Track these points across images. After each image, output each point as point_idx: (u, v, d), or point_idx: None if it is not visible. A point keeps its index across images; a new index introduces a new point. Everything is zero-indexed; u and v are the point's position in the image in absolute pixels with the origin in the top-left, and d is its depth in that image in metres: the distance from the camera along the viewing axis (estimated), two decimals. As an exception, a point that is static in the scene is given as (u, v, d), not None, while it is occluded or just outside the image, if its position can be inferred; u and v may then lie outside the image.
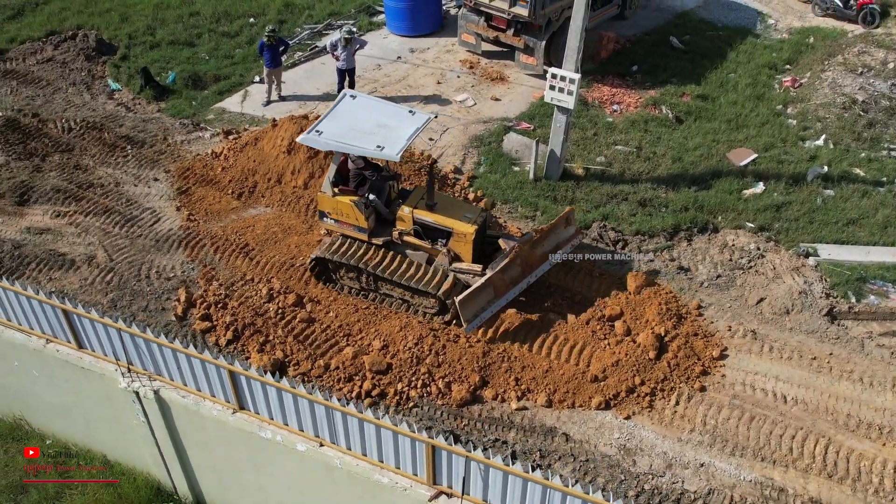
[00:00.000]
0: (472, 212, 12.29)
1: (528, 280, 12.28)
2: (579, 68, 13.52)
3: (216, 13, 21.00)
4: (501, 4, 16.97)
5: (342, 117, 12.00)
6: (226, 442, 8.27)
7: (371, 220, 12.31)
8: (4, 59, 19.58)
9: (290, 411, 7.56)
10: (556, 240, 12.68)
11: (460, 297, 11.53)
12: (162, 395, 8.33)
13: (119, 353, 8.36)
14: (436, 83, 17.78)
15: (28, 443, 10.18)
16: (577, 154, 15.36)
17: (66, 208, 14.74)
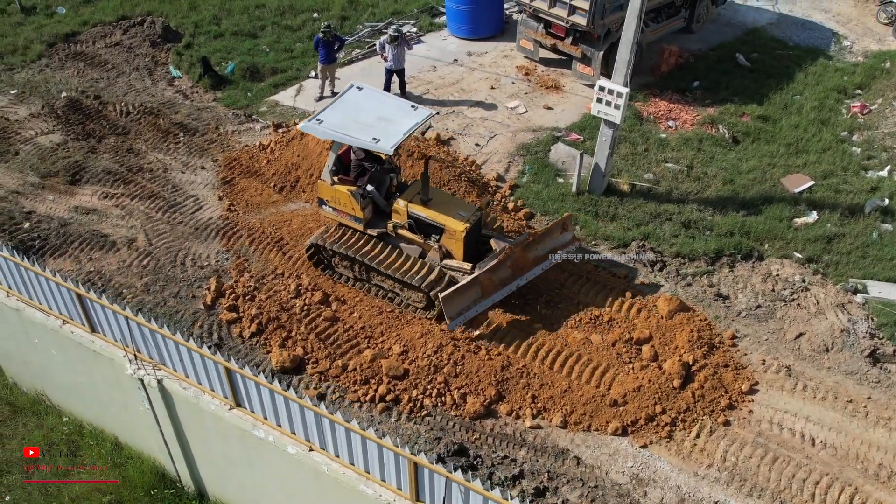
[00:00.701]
0: (466, 210, 12.22)
1: (517, 282, 12.17)
2: (629, 82, 13.15)
3: (281, 6, 21.23)
4: (560, 12, 16.66)
5: (345, 108, 12.19)
6: (223, 437, 8.28)
7: (368, 210, 12.39)
8: (76, 42, 20.19)
9: (283, 413, 7.51)
10: (550, 244, 12.55)
11: (445, 293, 11.51)
12: (165, 385, 8.39)
13: (128, 340, 8.42)
14: (489, 88, 17.57)
15: (45, 421, 10.40)
16: (624, 169, 14.97)
17: (115, 190, 15.07)
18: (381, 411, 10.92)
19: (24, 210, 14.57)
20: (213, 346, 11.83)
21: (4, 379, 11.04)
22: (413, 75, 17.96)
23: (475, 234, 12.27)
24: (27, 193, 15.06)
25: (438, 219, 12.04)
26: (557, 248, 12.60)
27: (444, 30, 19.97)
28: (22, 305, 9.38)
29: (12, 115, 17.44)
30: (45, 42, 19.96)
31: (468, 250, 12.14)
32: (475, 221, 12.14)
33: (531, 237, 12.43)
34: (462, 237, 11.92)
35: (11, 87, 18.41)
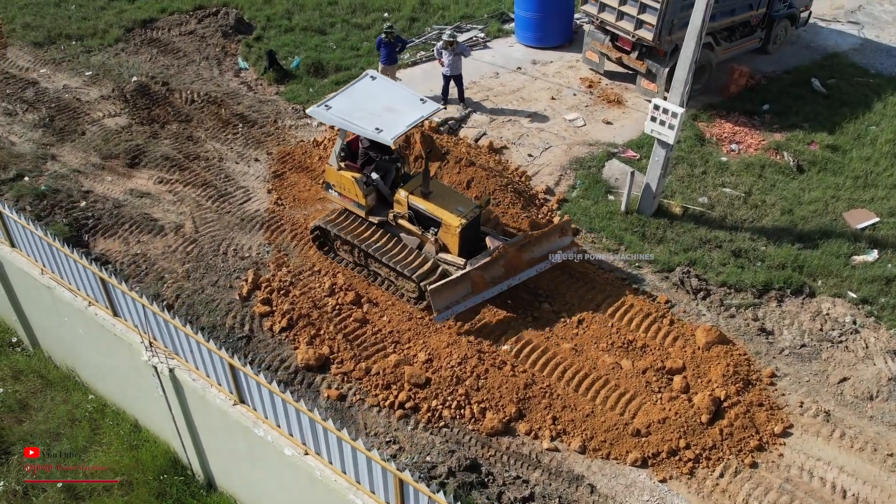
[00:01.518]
0: (465, 206, 12.34)
1: (510, 282, 12.21)
2: (685, 102, 12.72)
3: (353, 4, 21.38)
4: (627, 25, 16.28)
5: (356, 96, 12.35)
6: (227, 431, 8.32)
7: (371, 198, 12.64)
8: (153, 28, 20.74)
9: (282, 414, 7.49)
10: (547, 247, 12.55)
11: (433, 286, 11.62)
12: (176, 375, 8.48)
13: (145, 327, 8.55)
14: (550, 98, 17.30)
15: (72, 397, 10.66)
16: (678, 191, 14.51)
17: (170, 176, 15.41)
18: (398, 418, 10.84)
19: (82, 189, 15.03)
20: (244, 339, 12.03)
21: (40, 352, 11.38)
22: (474, 81, 17.83)
23: (472, 231, 12.39)
24: (87, 173, 15.52)
25: (436, 212, 12.18)
26: (555, 252, 12.62)
27: (512, 36, 19.76)
28: (53, 284, 9.63)
29: (84, 95, 18.03)
30: (124, 27, 20.57)
31: (464, 246, 12.25)
32: (473, 218, 12.25)
33: (526, 238, 12.40)
34: (457, 232, 12.03)
35: (87, 68, 19.02)
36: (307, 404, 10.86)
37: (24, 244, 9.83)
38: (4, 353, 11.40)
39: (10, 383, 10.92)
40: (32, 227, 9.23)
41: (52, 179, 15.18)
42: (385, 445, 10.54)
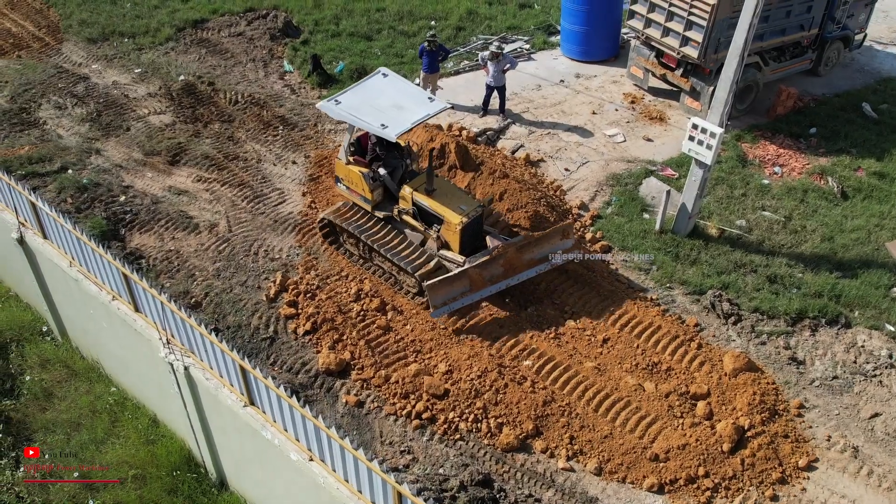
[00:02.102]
0: (468, 204, 12.47)
1: (508, 281, 12.30)
2: (724, 123, 12.47)
3: (401, 11, 21.46)
4: (672, 42, 16.04)
5: (366, 92, 12.62)
6: (238, 431, 8.36)
7: (377, 193, 12.92)
8: (203, 28, 21.08)
9: (288, 418, 7.49)
10: (548, 249, 12.59)
11: (430, 282, 11.80)
12: (191, 373, 8.55)
13: (164, 324, 8.64)
14: (591, 113, 17.12)
15: (94, 388, 10.83)
16: (716, 212, 14.22)
17: (209, 175, 15.60)
18: (415, 428, 10.78)
19: (122, 184, 15.31)
20: (268, 340, 12.10)
21: (68, 343, 11.60)
22: (516, 93, 17.74)
23: (474, 229, 12.48)
24: (129, 168, 15.80)
25: (439, 209, 12.37)
26: (556, 254, 12.67)
27: (557, 49, 19.63)
28: (81, 276, 9.80)
29: (132, 92, 18.39)
30: (175, 26, 20.94)
31: (465, 243, 12.37)
32: (475, 217, 12.37)
33: (526, 239, 12.46)
34: (458, 230, 12.17)
35: (137, 66, 19.41)
36: (325, 409, 10.99)
37: (55, 236, 10.04)
38: (34, 342, 11.64)
39: (38, 371, 11.15)
40: (62, 220, 9.41)
41: (95, 173, 15.49)
42: (399, 455, 10.49)
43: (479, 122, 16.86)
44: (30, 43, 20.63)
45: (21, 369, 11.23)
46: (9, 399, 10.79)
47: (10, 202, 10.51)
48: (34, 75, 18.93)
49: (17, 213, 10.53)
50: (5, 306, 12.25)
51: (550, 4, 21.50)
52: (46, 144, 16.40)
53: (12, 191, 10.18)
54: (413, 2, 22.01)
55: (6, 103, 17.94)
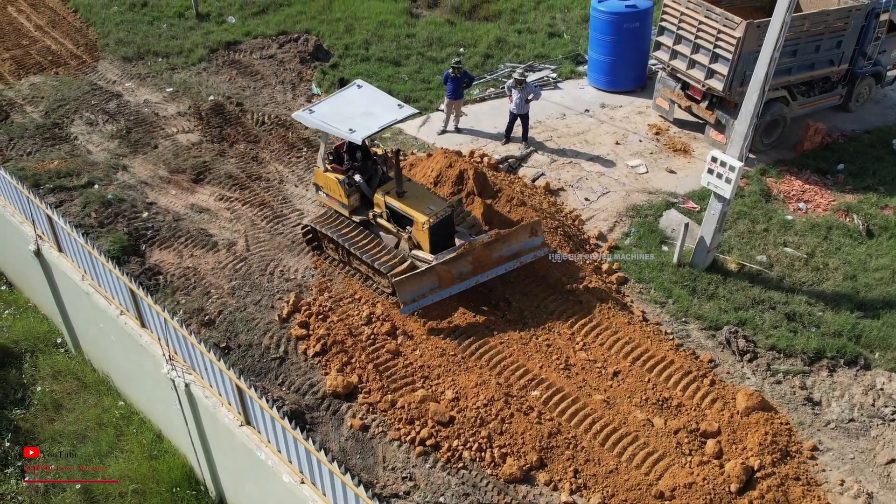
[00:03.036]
0: (437, 205, 12.86)
1: (477, 279, 12.62)
2: (744, 157, 12.32)
3: (430, 38, 21.62)
4: (698, 74, 15.93)
5: (340, 102, 13.30)
6: (234, 450, 8.35)
7: (354, 199, 13.44)
8: (236, 50, 21.43)
9: (282, 440, 7.47)
10: (516, 247, 12.82)
11: (399, 278, 12.17)
12: (192, 390, 8.58)
13: (168, 340, 8.71)
14: (614, 143, 17.03)
15: (102, 401, 10.92)
16: (736, 247, 14.02)
17: (231, 194, 15.78)
18: (418, 454, 10.70)
19: (146, 200, 15.54)
20: (277, 360, 12.13)
21: (81, 355, 11.73)
22: (540, 121, 17.73)
23: (444, 229, 12.86)
24: (154, 185, 16.05)
25: (409, 211, 12.75)
26: (525, 252, 12.90)
27: (584, 79, 19.60)
28: (91, 290, 9.92)
29: (162, 110, 18.72)
30: (209, 48, 21.32)
31: (436, 243, 12.73)
32: (444, 216, 12.75)
33: (493, 235, 12.67)
34: (426, 229, 12.54)
35: (169, 85, 19.77)
36: (330, 432, 10.96)
37: (69, 249, 10.19)
38: (48, 353, 11.79)
39: (49, 382, 11.28)
40: (76, 234, 9.55)
41: (120, 189, 15.75)
42: (400, 481, 10.41)
43: (501, 149, 16.86)
44: (68, 60, 21.13)
45: (33, 379, 11.38)
46: (19, 409, 10.93)
47: (29, 215, 10.70)
48: (69, 92, 19.38)
49: (35, 226, 10.71)
50: (23, 317, 12.45)
51: (579, 34, 21.51)
52: (75, 159, 16.73)
53: (31, 203, 10.37)
54: (443, 29, 22.18)
55: (40, 118, 18.38)
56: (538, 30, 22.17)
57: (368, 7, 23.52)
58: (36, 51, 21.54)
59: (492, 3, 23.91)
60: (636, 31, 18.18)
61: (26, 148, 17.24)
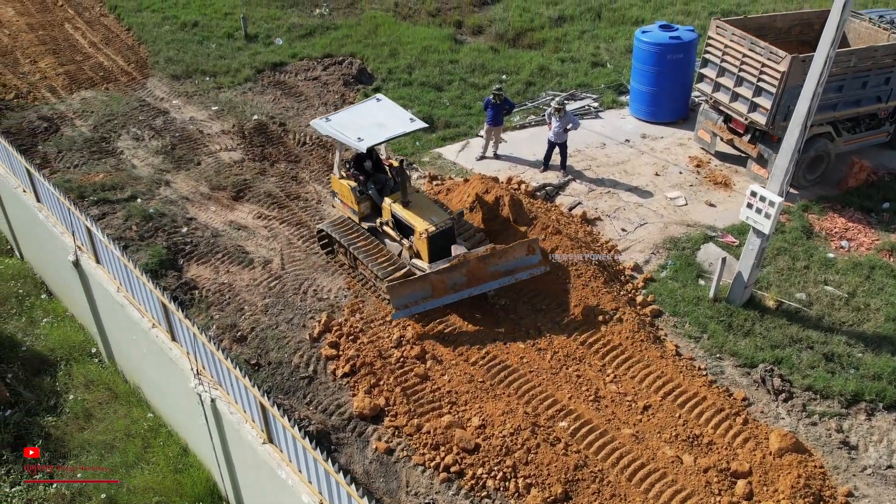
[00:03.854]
0: (438, 216, 13.14)
1: (471, 291, 12.83)
2: (784, 192, 12.12)
3: (473, 64, 21.76)
4: (741, 107, 15.77)
5: (356, 113, 13.97)
6: (256, 468, 8.36)
7: (364, 206, 13.93)
8: (281, 71, 21.80)
9: (303, 459, 7.46)
10: (513, 263, 12.96)
11: (391, 283, 12.52)
12: (217, 406, 8.63)
13: (196, 355, 8.79)
14: (654, 174, 16.89)
15: (132, 412, 11.04)
16: (775, 283, 13.76)
17: (269, 212, 15.96)
18: (442, 481, 10.60)
19: (186, 215, 15.79)
20: (306, 379, 12.16)
21: (114, 366, 11.89)
22: (579, 149, 17.67)
23: (445, 241, 13.05)
24: (195, 201, 16.31)
25: (411, 220, 13.10)
26: (521, 269, 13.02)
27: (626, 109, 19.53)
28: (126, 302, 10.06)
29: (207, 128, 19.06)
30: (255, 68, 21.72)
31: (435, 253, 12.96)
32: (444, 228, 12.99)
33: (488, 250, 12.86)
34: (425, 238, 12.80)
35: (215, 103, 20.14)
36: (355, 454, 10.93)
37: (106, 261, 10.37)
38: (83, 362, 11.98)
39: (81, 391, 11.44)
40: (112, 247, 9.72)
41: (161, 204, 16.03)
42: (421, 507, 10.33)
43: (539, 176, 16.83)
44: (118, 76, 21.67)
45: (66, 388, 11.55)
46: (51, 416, 11.09)
47: (69, 225, 10.93)
48: (118, 107, 19.85)
49: (75, 237, 10.93)
50: (60, 326, 12.68)
51: (623, 64, 21.46)
52: (120, 173, 17.09)
53: (72, 215, 10.59)
54: (486, 55, 22.33)
55: (89, 132, 18.83)
56: (581, 59, 22.19)
57: (413, 32, 23.79)
58: (89, 66, 22.14)
59: (536, 31, 24.04)
60: (679, 62, 18.09)
61: (74, 160, 17.67)
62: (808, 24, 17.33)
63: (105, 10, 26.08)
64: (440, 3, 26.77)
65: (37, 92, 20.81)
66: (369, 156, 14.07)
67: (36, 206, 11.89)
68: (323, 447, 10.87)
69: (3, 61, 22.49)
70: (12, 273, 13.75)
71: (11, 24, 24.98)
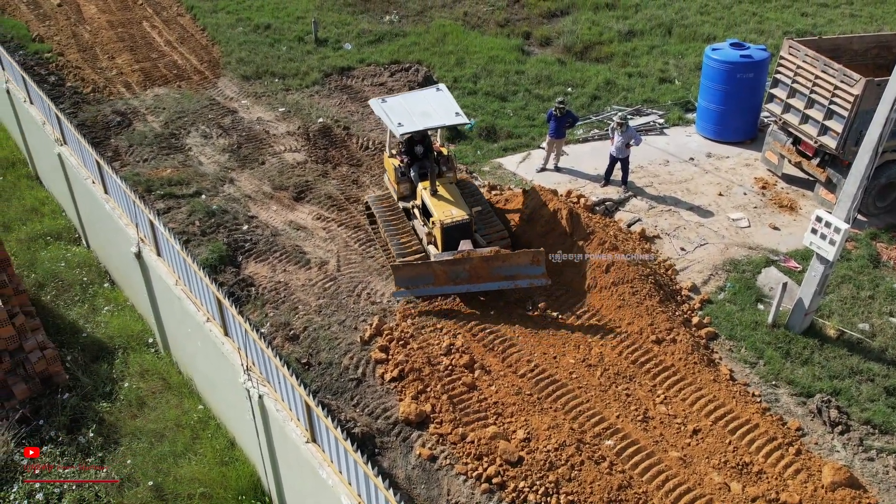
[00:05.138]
0: (458, 210, 13.66)
1: (470, 287, 13.31)
2: (851, 219, 11.77)
3: (539, 75, 21.71)
4: (810, 130, 15.38)
5: (412, 99, 14.68)
6: (299, 466, 8.45)
7: (404, 187, 14.61)
8: (348, 76, 22.10)
9: (343, 461, 7.51)
10: (516, 269, 13.25)
11: (396, 263, 13.46)
12: (264, 402, 8.75)
13: (247, 351, 8.94)
14: (717, 194, 16.58)
15: (183, 403, 11.28)
16: (837, 312, 13.36)
17: (328, 214, 16.16)
18: (483, 492, 10.55)
19: (248, 213, 16.09)
20: (354, 381, 12.25)
21: (169, 356, 12.17)
22: (642, 166, 17.47)
23: (460, 233, 13.54)
24: (257, 200, 16.61)
25: (433, 208, 13.72)
26: (523, 277, 13.30)
27: (692, 126, 19.23)
28: (183, 295, 10.29)
29: (273, 129, 19.41)
30: (323, 72, 22.06)
31: (448, 243, 13.53)
32: (461, 221, 13.49)
33: (493, 252, 13.23)
34: (440, 228, 13.39)
35: (282, 105, 20.51)
36: (398, 458, 10.96)
37: (166, 254, 10.63)
38: (140, 352, 12.29)
39: (136, 379, 11.73)
40: (173, 241, 9.96)
41: (225, 201, 16.38)
42: (462, 517, 10.29)
43: (599, 191, 16.68)
44: (191, 75, 22.23)
45: (122, 375, 11.86)
46: (106, 402, 11.39)
47: (134, 218, 11.24)
48: (189, 105, 20.36)
49: (139, 229, 11.23)
50: (121, 314, 13.03)
51: (691, 81, 21.16)
52: (187, 169, 17.51)
53: (136, 208, 10.89)
54: (552, 67, 22.25)
55: (160, 128, 19.36)
56: (649, 74, 21.95)
57: (481, 42, 23.86)
58: (163, 64, 22.78)
59: (604, 44, 23.87)
60: (749, 81, 17.74)
61: (143, 155, 18.18)
62: (885, 47, 16.84)
63: (182, 10, 26.83)
64: (509, 13, 26.81)
65: (112, 87, 21.51)
66: (421, 141, 14.64)
67: (103, 198, 12.27)
68: (366, 450, 11.00)
69: (84, 56, 23.32)
70: (78, 261, 14.20)
71: (93, 20, 25.89)
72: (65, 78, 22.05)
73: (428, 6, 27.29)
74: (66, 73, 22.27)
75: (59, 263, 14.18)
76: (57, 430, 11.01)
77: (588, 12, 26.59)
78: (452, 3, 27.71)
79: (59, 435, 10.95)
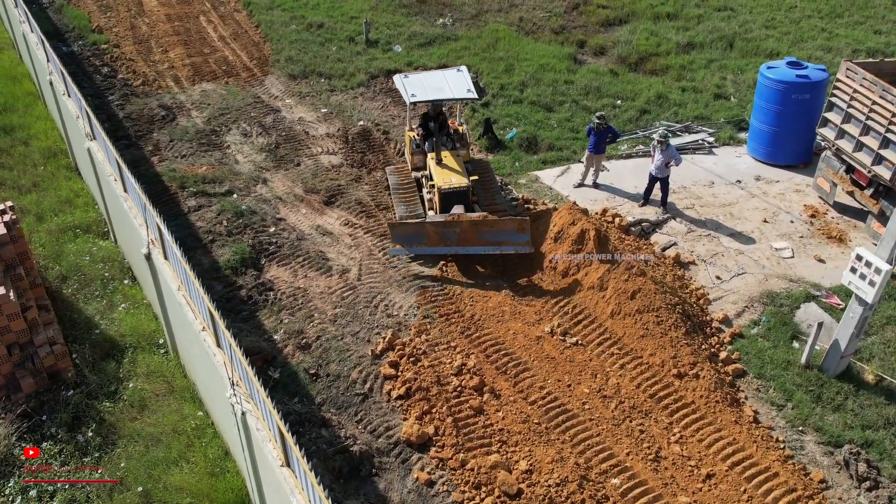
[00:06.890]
0: (457, 178, 14.79)
1: (458, 248, 14.17)
2: (894, 260, 10.96)
3: (589, 86, 21.10)
4: (864, 158, 14.49)
5: (433, 76, 16.07)
6: (275, 489, 8.19)
7: (417, 158, 16.07)
8: (394, 79, 21.81)
9: (312, 492, 7.21)
10: (503, 236, 14.02)
11: (393, 222, 14.41)
12: (247, 420, 8.53)
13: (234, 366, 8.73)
14: (762, 220, 15.77)
15: (183, 408, 11.15)
16: (878, 356, 12.51)
17: (356, 220, 15.93)
18: (478, 523, 10.16)
19: (277, 215, 15.98)
20: (360, 396, 11.96)
21: (176, 359, 12.06)
22: (684, 186, 16.76)
23: (457, 199, 14.60)
24: (287, 202, 16.49)
25: (435, 175, 14.90)
26: (508, 243, 14.04)
27: (743, 147, 18.40)
28: (184, 301, 10.16)
29: (313, 130, 19.31)
30: (370, 74, 21.88)
31: (446, 208, 14.62)
32: (458, 188, 14.59)
33: (480, 216, 14.07)
34: (438, 193, 14.57)
35: (325, 105, 20.39)
36: (395, 481, 10.64)
37: (172, 259, 10.51)
38: (149, 352, 12.22)
39: (142, 380, 11.67)
40: (175, 247, 9.82)
41: (255, 201, 16.30)
42: (452, 549, 9.91)
43: (637, 211, 16.06)
44: (240, 72, 22.32)
45: (129, 375, 11.80)
46: (109, 402, 11.35)
47: (145, 219, 11.17)
48: (234, 101, 20.41)
49: (149, 231, 11.16)
50: (136, 313, 13.01)
51: (748, 99, 20.26)
52: (222, 167, 17.52)
53: (145, 210, 10.81)
54: (603, 78, 21.61)
55: (202, 124, 19.43)
56: (704, 89, 21.14)
57: (533, 49, 23.37)
58: (214, 60, 22.92)
59: (661, 56, 23.10)
60: (805, 103, 16.85)
61: (182, 150, 18.25)
62: (954, 74, 15.78)
63: (239, 6, 27.04)
64: (566, 20, 26.21)
65: (162, 80, 21.72)
66: (436, 117, 15.80)
67: (122, 196, 12.26)
68: (363, 469, 10.72)
69: (138, 49, 23.65)
70: (102, 256, 14.26)
71: (153, 13, 26.26)
72: (118, 69, 22.38)
73: (483, 10, 26.88)
74: (119, 65, 22.60)
75: (84, 257, 14.26)
76: (58, 427, 11.01)
77: (647, 22, 25.80)
78: (509, 7, 27.24)
79: (59, 432, 10.94)
